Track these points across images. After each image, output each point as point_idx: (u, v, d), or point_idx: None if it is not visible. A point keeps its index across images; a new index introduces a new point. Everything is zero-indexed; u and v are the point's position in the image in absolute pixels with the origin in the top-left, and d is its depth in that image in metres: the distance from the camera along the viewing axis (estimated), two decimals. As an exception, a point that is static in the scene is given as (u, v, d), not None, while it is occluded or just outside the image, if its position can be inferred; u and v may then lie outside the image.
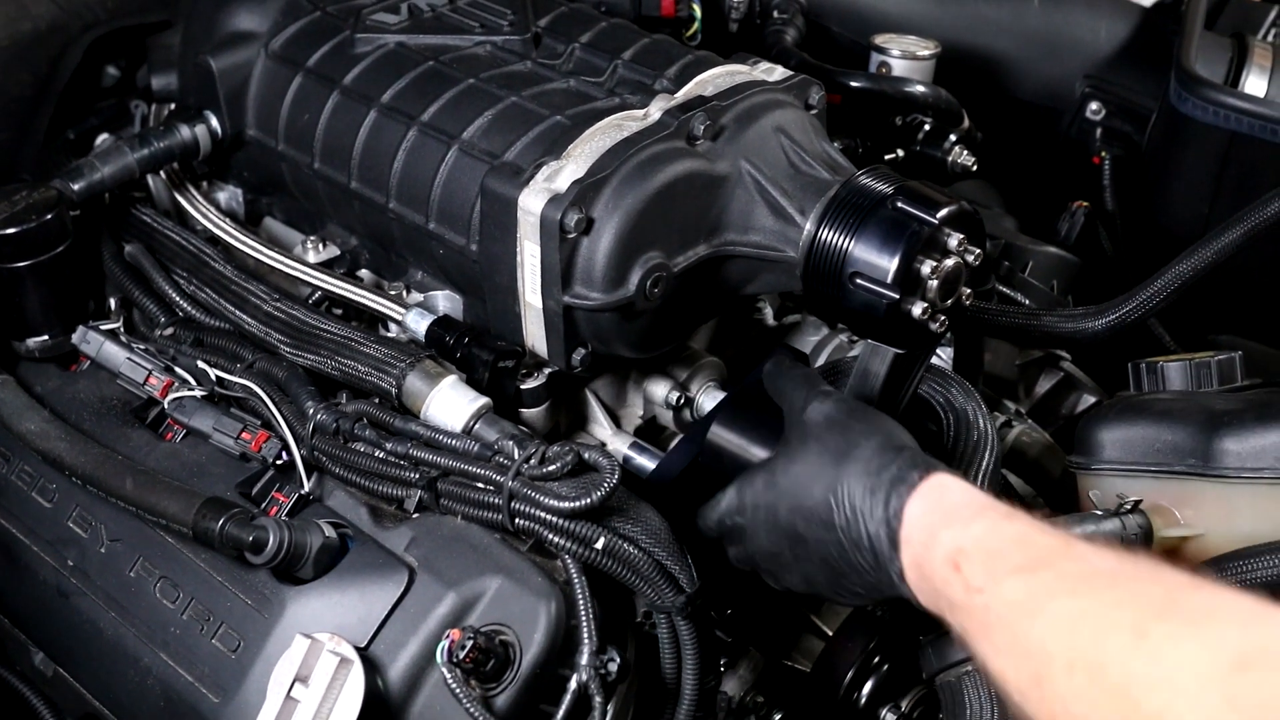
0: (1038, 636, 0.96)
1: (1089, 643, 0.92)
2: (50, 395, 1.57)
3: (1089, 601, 0.94)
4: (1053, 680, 0.94)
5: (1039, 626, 0.96)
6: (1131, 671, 0.87)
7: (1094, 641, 0.91)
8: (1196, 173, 1.81)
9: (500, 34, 1.64)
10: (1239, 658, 0.83)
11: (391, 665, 1.28)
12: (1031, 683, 0.96)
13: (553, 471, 1.29)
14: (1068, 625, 0.94)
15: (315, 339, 1.49)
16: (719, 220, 1.45)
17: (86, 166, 1.64)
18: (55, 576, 1.47)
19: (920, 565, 1.11)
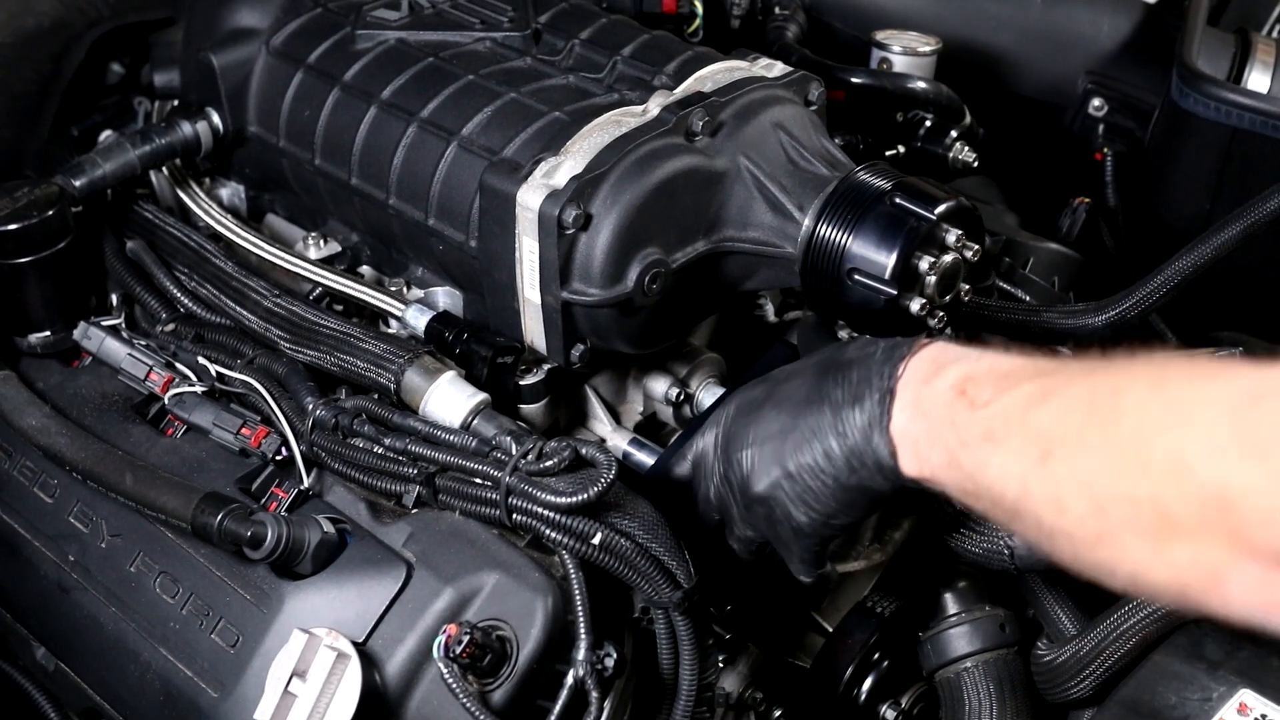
0: (1049, 416, 0.98)
1: (1105, 403, 0.94)
2: (52, 391, 1.57)
3: (1104, 378, 0.97)
4: (1063, 449, 0.96)
5: (1051, 407, 0.99)
6: (1147, 418, 0.90)
7: (1110, 401, 0.94)
8: (1198, 169, 1.81)
9: (500, 30, 1.64)
10: (1253, 392, 0.85)
11: (389, 660, 1.28)
12: (1037, 462, 0.98)
13: (550, 467, 1.29)
14: (1084, 398, 0.96)
15: (315, 335, 1.49)
16: (718, 216, 1.45)
17: (88, 163, 1.64)
18: (56, 571, 1.48)
19: (918, 402, 1.12)
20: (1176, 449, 0.87)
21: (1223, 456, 0.84)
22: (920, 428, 1.12)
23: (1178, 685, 1.29)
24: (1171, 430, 0.88)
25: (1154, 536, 0.90)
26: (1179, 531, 0.88)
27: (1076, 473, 0.94)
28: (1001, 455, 1.01)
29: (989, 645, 1.49)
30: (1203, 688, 1.28)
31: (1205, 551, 0.87)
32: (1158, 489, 0.88)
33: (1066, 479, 0.95)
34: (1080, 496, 0.94)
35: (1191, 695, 1.28)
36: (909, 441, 1.14)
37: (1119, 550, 0.93)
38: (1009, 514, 1.04)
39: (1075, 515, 0.95)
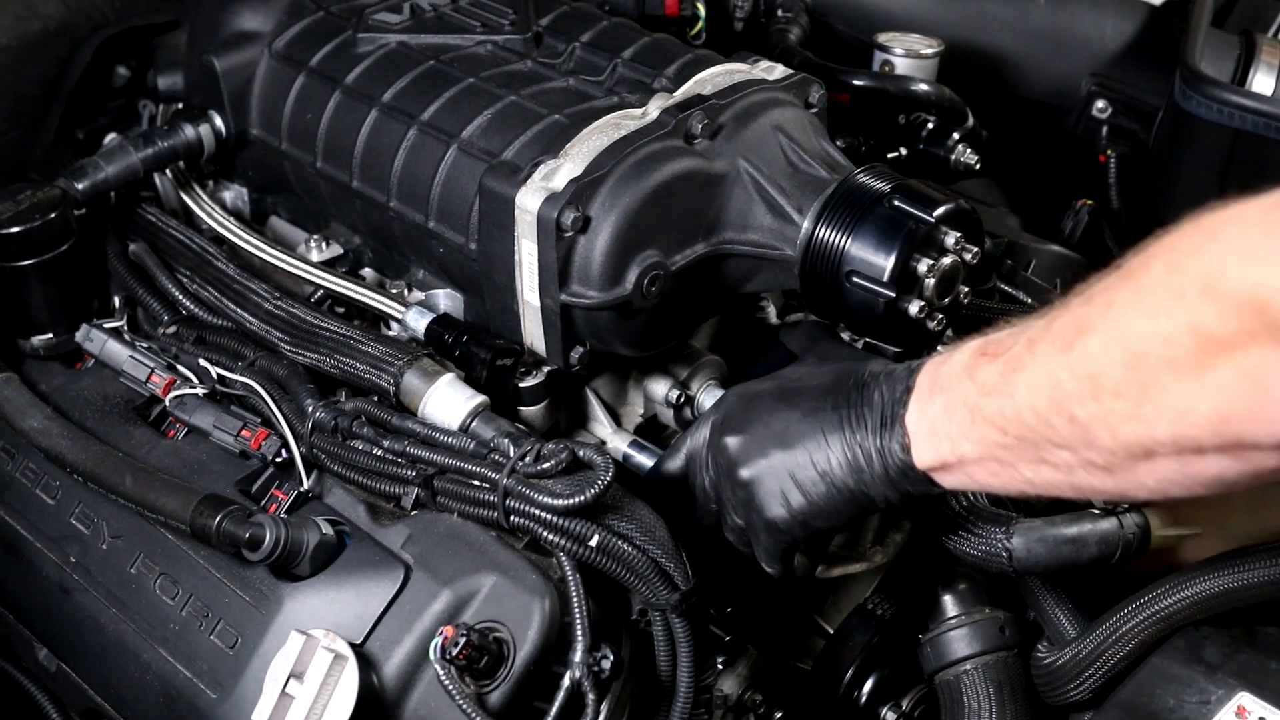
0: (1074, 311, 0.99)
1: (1136, 265, 0.95)
2: (54, 393, 1.58)
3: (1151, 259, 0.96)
4: (1092, 324, 0.96)
5: (1075, 304, 1.00)
6: (1176, 250, 0.92)
7: (1142, 260, 0.95)
8: (1201, 171, 1.80)
9: (501, 33, 1.64)
10: (1277, 200, 0.87)
11: (386, 662, 1.29)
12: (1065, 350, 0.98)
13: (547, 469, 1.29)
14: (1113, 276, 0.97)
15: (315, 337, 1.50)
16: (717, 219, 1.45)
17: (91, 166, 1.65)
18: (58, 573, 1.48)
19: (935, 382, 1.14)
20: (1207, 266, 0.87)
21: (1253, 261, 0.85)
22: (938, 404, 1.13)
23: (1176, 688, 1.29)
24: (1201, 250, 0.89)
25: (1195, 365, 0.89)
26: (1220, 348, 0.88)
27: (1108, 336, 0.94)
28: (1028, 371, 1.02)
29: (988, 647, 1.49)
30: (1201, 690, 1.28)
31: (1249, 360, 0.87)
32: (1194, 312, 0.88)
33: (1098, 347, 0.95)
34: (1115, 357, 0.93)
35: (1190, 698, 1.28)
36: (925, 425, 1.14)
37: (1160, 399, 0.92)
38: (1035, 449, 1.03)
39: (1112, 381, 0.94)
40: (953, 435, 1.12)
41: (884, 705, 1.56)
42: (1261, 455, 0.92)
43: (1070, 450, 1.01)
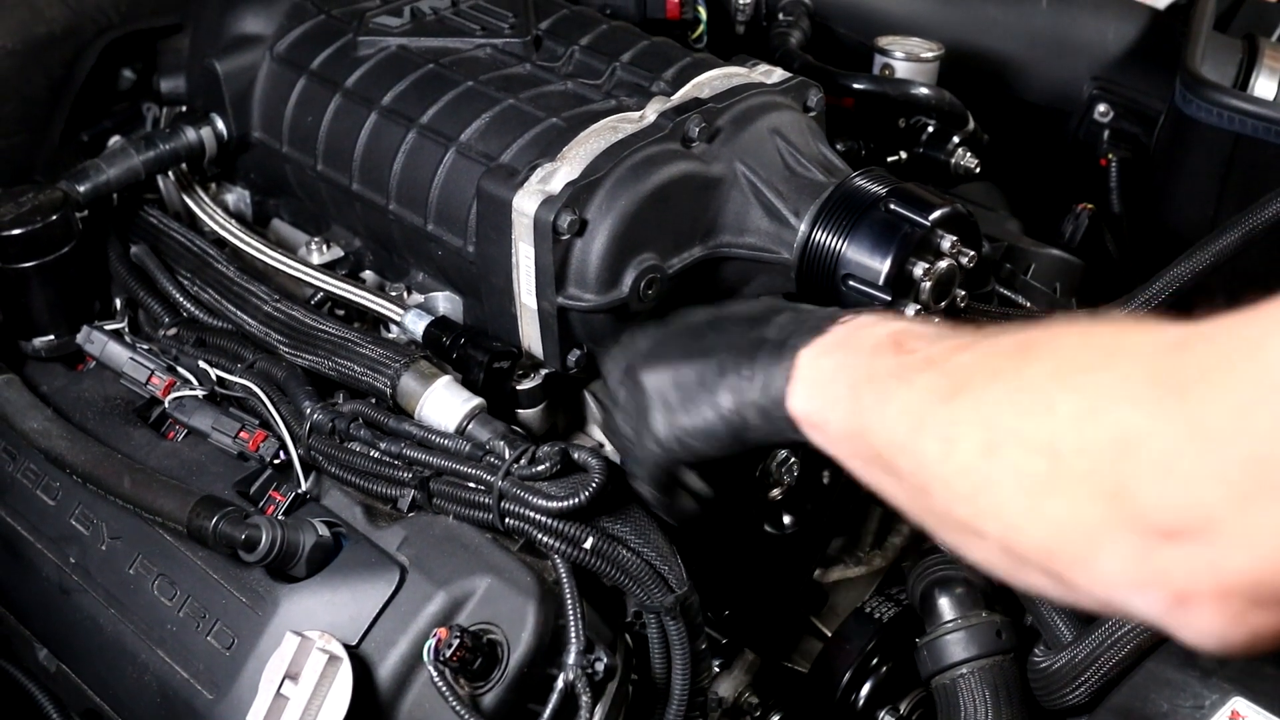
0: (971, 358, 0.94)
1: (1031, 348, 0.89)
2: (55, 394, 1.59)
3: (1041, 329, 0.91)
4: (972, 386, 0.91)
5: (976, 351, 0.95)
6: (1067, 359, 0.85)
7: (1036, 346, 0.89)
8: (1202, 175, 1.80)
9: (501, 36, 1.65)
10: (1180, 339, 0.78)
11: (381, 663, 1.29)
12: (942, 399, 0.93)
13: (542, 472, 1.30)
14: (1013, 344, 0.91)
15: (313, 339, 1.50)
16: (714, 222, 1.45)
17: (93, 168, 1.66)
18: (57, 573, 1.49)
19: (846, 340, 1.09)
20: (1088, 390, 0.80)
21: (1132, 403, 0.77)
22: (835, 360, 1.08)
23: (1170, 692, 1.29)
24: (1088, 372, 0.81)
25: (1039, 487, 0.82)
26: (1064, 482, 0.80)
27: (979, 408, 0.88)
28: (907, 392, 0.96)
29: (985, 651, 1.49)
30: (1195, 695, 1.28)
31: (1085, 507, 0.79)
32: (1057, 432, 0.81)
33: (967, 415, 0.89)
34: (974, 436, 0.87)
35: (1184, 703, 1.28)
36: (813, 372, 1.10)
37: (997, 499, 0.85)
38: (885, 464, 0.98)
39: (963, 457, 0.88)
40: (829, 397, 1.07)
41: (882, 709, 1.56)
42: (1080, 598, 0.85)
43: (909, 489, 0.97)
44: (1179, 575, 0.75)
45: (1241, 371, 0.73)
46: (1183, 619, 0.77)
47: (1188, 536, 0.74)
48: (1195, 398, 0.74)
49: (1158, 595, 0.77)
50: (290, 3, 1.72)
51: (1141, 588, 0.78)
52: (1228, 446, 0.72)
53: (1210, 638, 0.77)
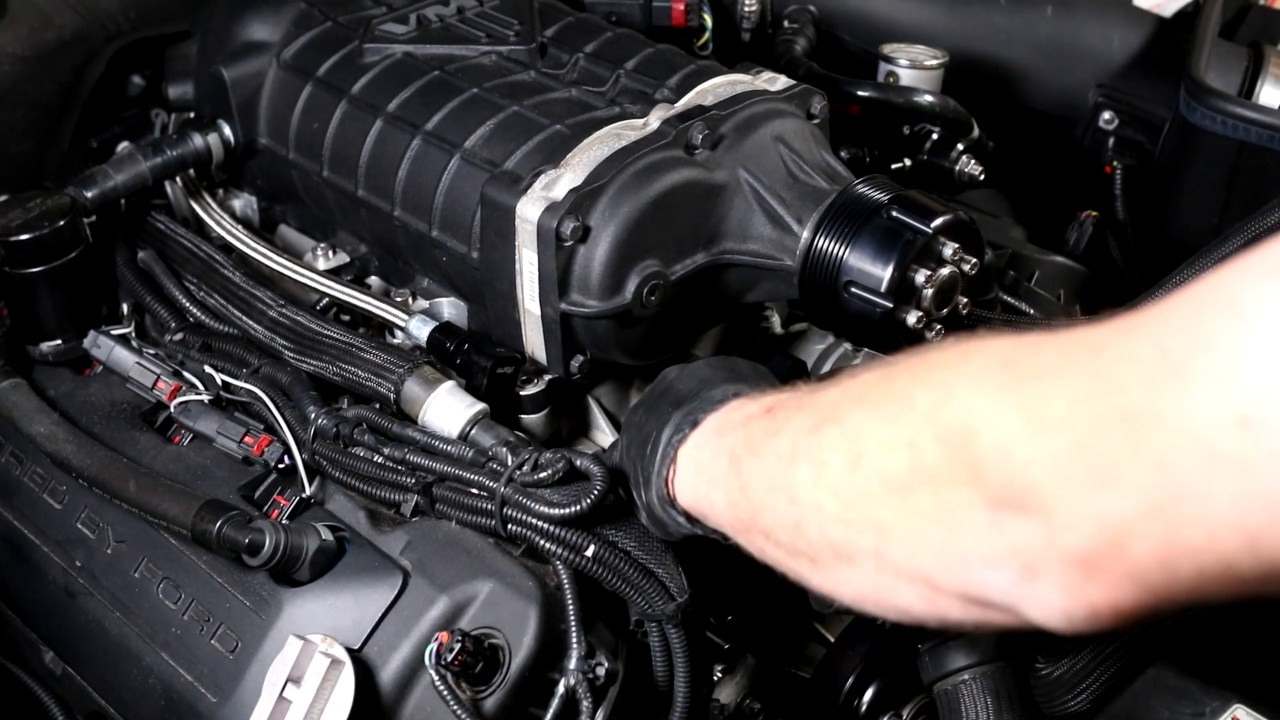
0: (836, 390, 0.98)
1: (896, 367, 0.93)
2: (63, 399, 1.60)
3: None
4: (839, 413, 0.95)
5: (841, 384, 0.98)
6: (926, 366, 0.89)
7: (901, 365, 0.93)
8: (1207, 183, 1.80)
9: (506, 44, 1.66)
10: (1036, 339, 0.83)
11: (384, 667, 1.30)
12: (811, 429, 0.97)
13: (544, 478, 1.30)
14: (880, 371, 0.95)
15: (318, 344, 1.51)
16: (717, 229, 1.46)
17: (100, 174, 1.67)
18: (64, 577, 1.50)
19: (720, 426, 1.13)
20: (943, 383, 0.85)
21: (979, 390, 0.82)
22: (710, 449, 1.12)
23: (1171, 699, 1.29)
24: (945, 368, 0.86)
25: (903, 485, 0.87)
26: (927, 474, 0.85)
27: (845, 428, 0.92)
28: (779, 439, 1.00)
29: (987, 658, 1.49)
30: (1196, 702, 1.28)
31: (946, 495, 0.83)
32: (915, 430, 0.86)
33: (833, 437, 0.93)
34: (841, 452, 0.91)
35: (1185, 709, 1.28)
36: (692, 464, 1.14)
37: (867, 508, 0.89)
38: (764, 517, 1.02)
39: (832, 476, 0.92)
40: (710, 479, 1.11)
41: (884, 715, 1.56)
42: (945, 601, 0.89)
43: (786, 532, 0.99)
44: (1024, 549, 0.80)
45: (1079, 366, 0.78)
46: (1030, 595, 0.82)
47: (1030, 513, 0.79)
48: (1035, 388, 0.79)
49: (1008, 571, 0.82)
50: (297, 10, 1.74)
51: (995, 563, 0.82)
52: (1059, 434, 0.77)
53: (1055, 614, 0.82)
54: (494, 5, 1.74)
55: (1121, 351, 0.77)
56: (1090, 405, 0.76)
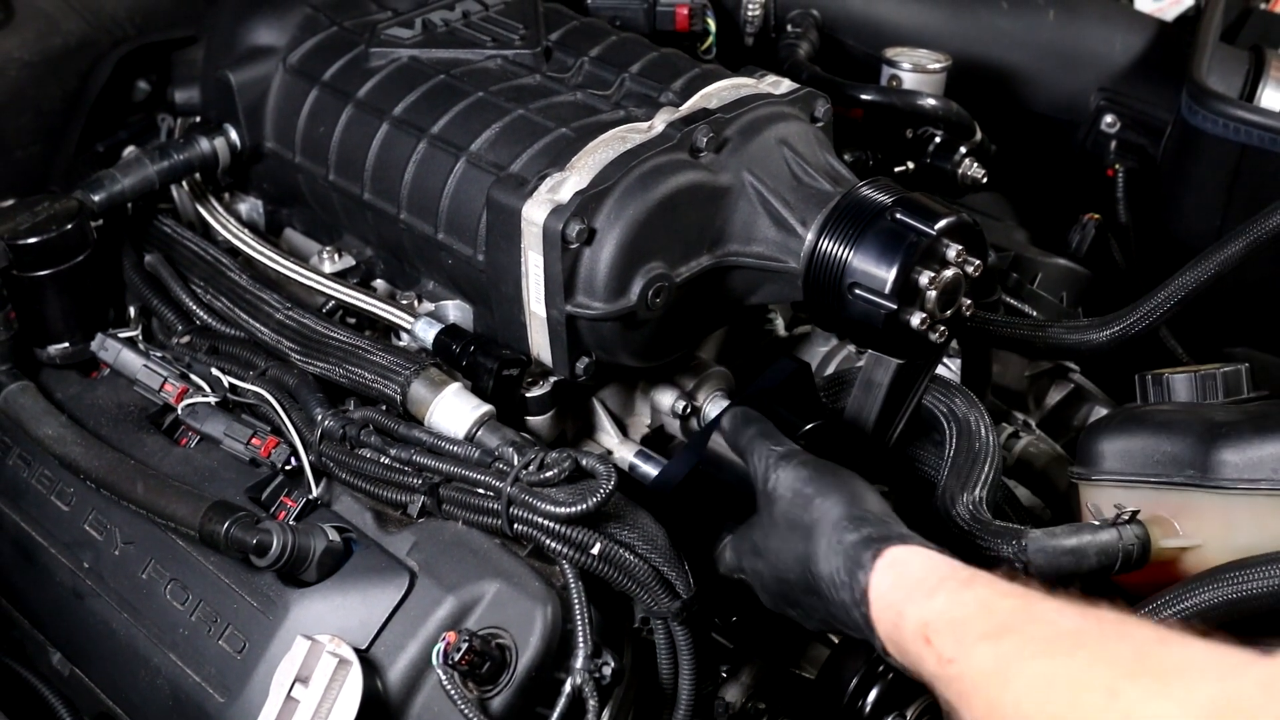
0: (1011, 702, 0.96)
1: (1063, 706, 0.92)
2: (70, 401, 1.60)
3: (1059, 664, 0.95)
4: None
5: (1012, 692, 0.97)
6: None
7: (1068, 704, 0.92)
8: (1208, 185, 1.81)
9: (511, 48, 1.66)
10: (1210, 712, 0.82)
11: (391, 667, 1.31)
12: None
13: (550, 478, 1.31)
14: (1041, 689, 0.94)
15: (324, 347, 1.52)
16: (722, 231, 1.46)
17: (107, 178, 1.68)
18: (71, 578, 1.51)
19: (895, 641, 1.12)
20: None
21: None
22: (906, 662, 1.12)
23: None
24: None
25: None
26: None
27: None
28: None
29: (991, 658, 1.49)
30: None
31: None
32: None
33: None
34: None
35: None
36: (902, 662, 1.14)
37: None
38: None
39: None
40: (923, 679, 1.10)
41: (888, 715, 1.56)
42: None
43: None
44: None
45: None
46: None
47: None
48: None
49: None
50: (303, 14, 1.75)
51: None
52: None
53: None
54: (499, 9, 1.75)
55: None
56: None
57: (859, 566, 1.15)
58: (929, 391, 1.53)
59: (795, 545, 1.24)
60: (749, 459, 1.33)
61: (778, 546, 1.27)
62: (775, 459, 1.29)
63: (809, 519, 1.23)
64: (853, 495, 1.23)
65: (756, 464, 1.31)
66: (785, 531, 1.25)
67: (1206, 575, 1.33)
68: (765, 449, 1.31)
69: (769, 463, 1.30)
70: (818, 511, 1.22)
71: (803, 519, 1.23)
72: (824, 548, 1.20)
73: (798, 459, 1.29)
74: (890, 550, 1.15)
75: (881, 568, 1.14)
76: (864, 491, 1.25)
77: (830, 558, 1.19)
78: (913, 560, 1.14)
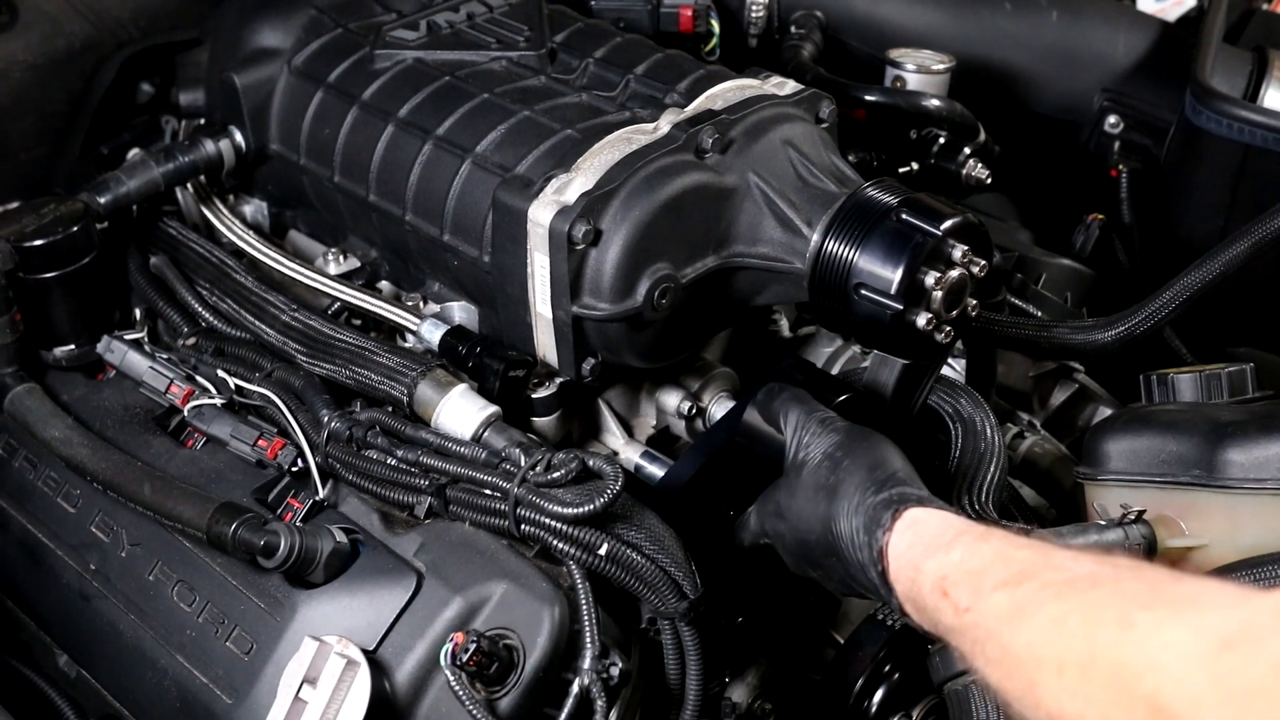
0: (1025, 642, 0.97)
1: (1077, 639, 0.93)
2: (76, 403, 1.61)
3: (1073, 603, 0.95)
4: (1045, 683, 0.95)
5: (1026, 632, 0.98)
6: (1120, 659, 0.88)
7: (1082, 637, 0.92)
8: (1212, 186, 1.82)
9: (516, 49, 1.67)
10: (1224, 638, 0.83)
11: (399, 668, 1.31)
12: (1025, 689, 0.97)
13: (557, 479, 1.31)
14: (1054, 627, 0.95)
15: (331, 348, 1.52)
16: (727, 232, 1.46)
17: (113, 180, 1.68)
18: (78, 580, 1.51)
19: (912, 598, 1.13)
20: (1156, 696, 0.85)
21: (1202, 709, 0.82)
22: (924, 618, 1.13)
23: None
24: (1148, 674, 0.86)
25: None
26: None
27: (1062, 707, 0.93)
28: (993, 672, 1.01)
29: (997, 658, 1.49)
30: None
31: None
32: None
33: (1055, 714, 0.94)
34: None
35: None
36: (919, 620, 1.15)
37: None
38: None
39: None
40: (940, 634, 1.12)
41: (894, 715, 1.56)
42: None
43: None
44: None
45: None
46: None
47: None
48: None
49: None
50: (307, 16, 1.75)
51: None
52: None
53: None
54: (503, 11, 1.75)
55: None
56: None
57: (878, 525, 1.18)
58: (934, 392, 1.53)
59: (819, 506, 1.25)
60: (784, 421, 1.34)
61: (801, 508, 1.28)
62: (811, 421, 1.32)
63: (834, 480, 1.25)
64: (879, 458, 1.25)
65: (792, 426, 1.33)
66: (811, 492, 1.27)
67: (1213, 575, 1.33)
68: (801, 411, 1.34)
69: (803, 424, 1.32)
70: (844, 473, 1.25)
71: (829, 481, 1.25)
72: (846, 508, 1.22)
73: (833, 424, 1.31)
74: (909, 511, 1.17)
75: (900, 528, 1.16)
76: (891, 455, 1.27)
77: (851, 517, 1.21)
78: (930, 520, 1.16)
